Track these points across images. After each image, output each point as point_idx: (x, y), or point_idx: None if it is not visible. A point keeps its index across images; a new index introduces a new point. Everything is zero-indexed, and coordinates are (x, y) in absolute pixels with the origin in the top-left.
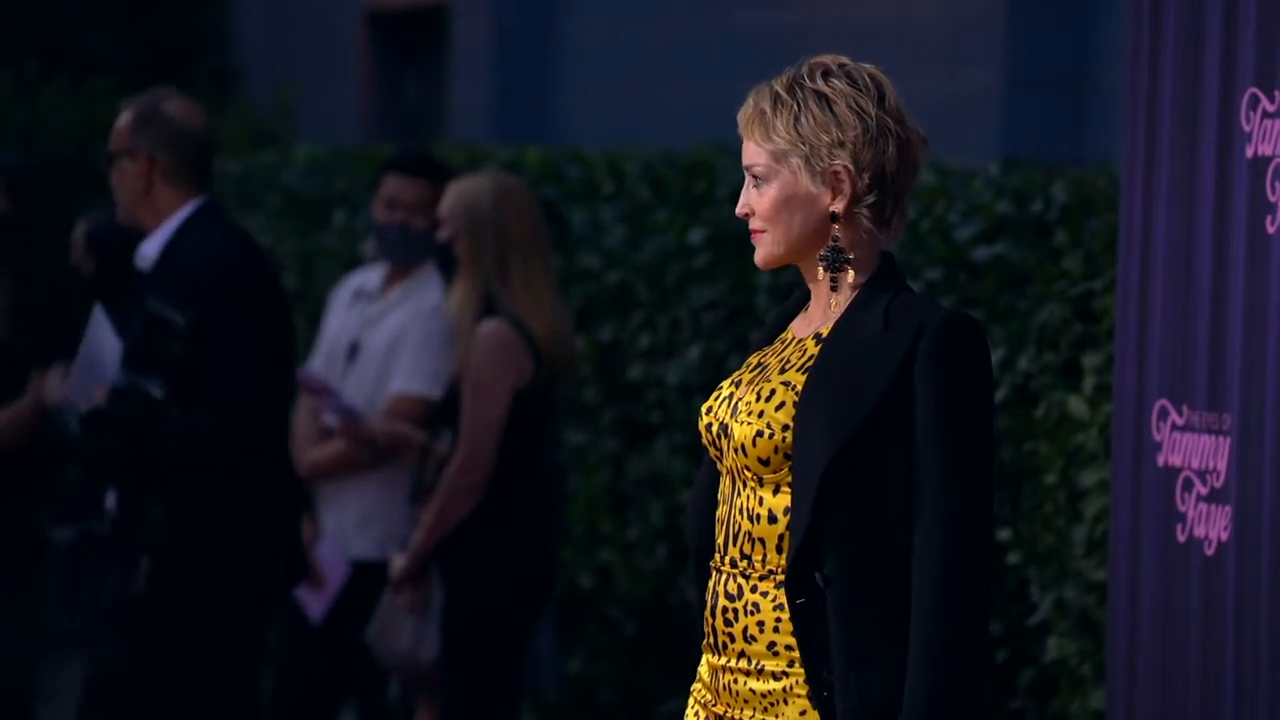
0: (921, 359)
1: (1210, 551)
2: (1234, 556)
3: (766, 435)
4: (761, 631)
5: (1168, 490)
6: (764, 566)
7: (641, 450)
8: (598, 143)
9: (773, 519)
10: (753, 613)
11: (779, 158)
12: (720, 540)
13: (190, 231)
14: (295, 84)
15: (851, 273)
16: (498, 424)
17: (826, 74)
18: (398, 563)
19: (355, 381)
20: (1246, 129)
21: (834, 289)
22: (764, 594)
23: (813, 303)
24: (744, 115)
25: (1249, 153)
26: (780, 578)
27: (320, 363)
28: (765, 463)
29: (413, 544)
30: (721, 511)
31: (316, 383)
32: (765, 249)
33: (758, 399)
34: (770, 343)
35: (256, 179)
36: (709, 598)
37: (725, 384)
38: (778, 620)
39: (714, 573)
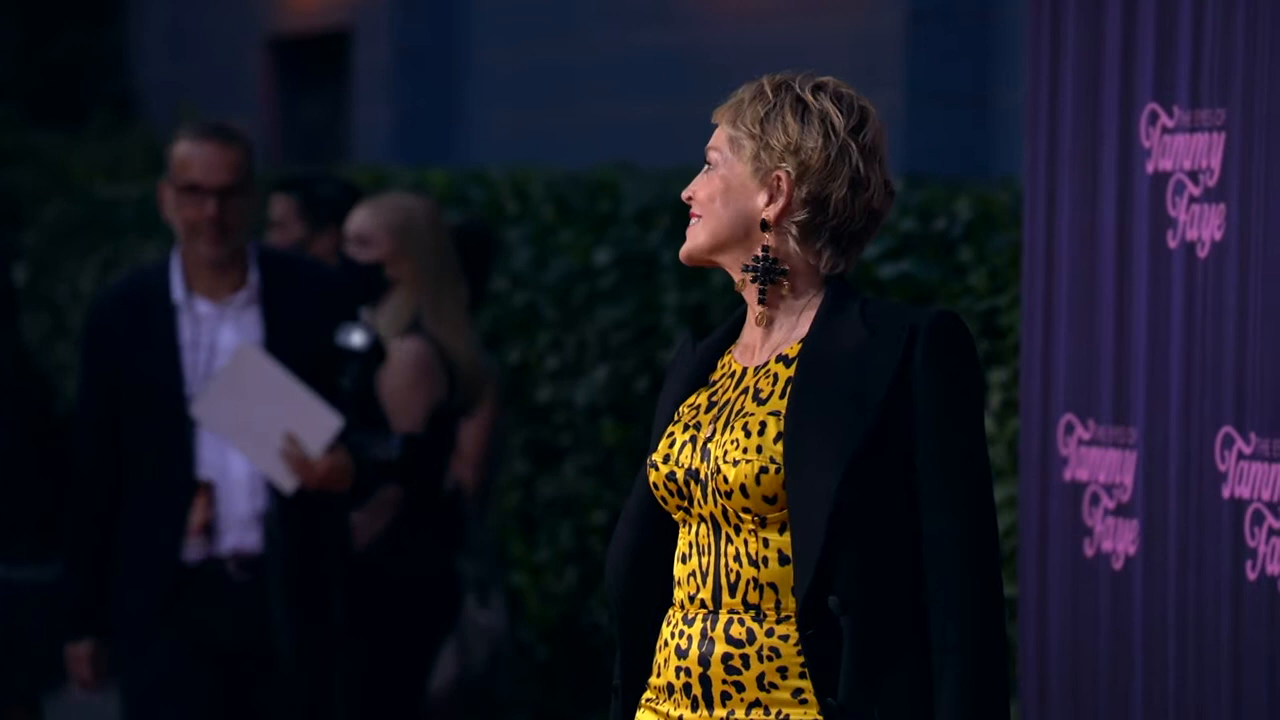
0: (920, 362)
1: (1118, 565)
2: (1141, 570)
3: (772, 471)
4: (784, 678)
5: (1075, 505)
6: (780, 611)
7: (551, 472)
8: (502, 164)
9: (784, 560)
10: (771, 658)
11: (735, 145)
12: (706, 594)
13: (275, 260)
14: (196, 109)
15: (785, 285)
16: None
17: (819, 88)
18: None
19: None
20: (1146, 145)
21: (762, 301)
22: (784, 638)
23: (749, 328)
24: (726, 102)
25: (1149, 168)
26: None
27: None
28: (771, 500)
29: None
30: (702, 562)
31: None
32: (691, 238)
33: (747, 434)
34: (704, 381)
35: (157, 205)
36: (689, 645)
37: (675, 430)
38: (803, 665)
39: (699, 619)
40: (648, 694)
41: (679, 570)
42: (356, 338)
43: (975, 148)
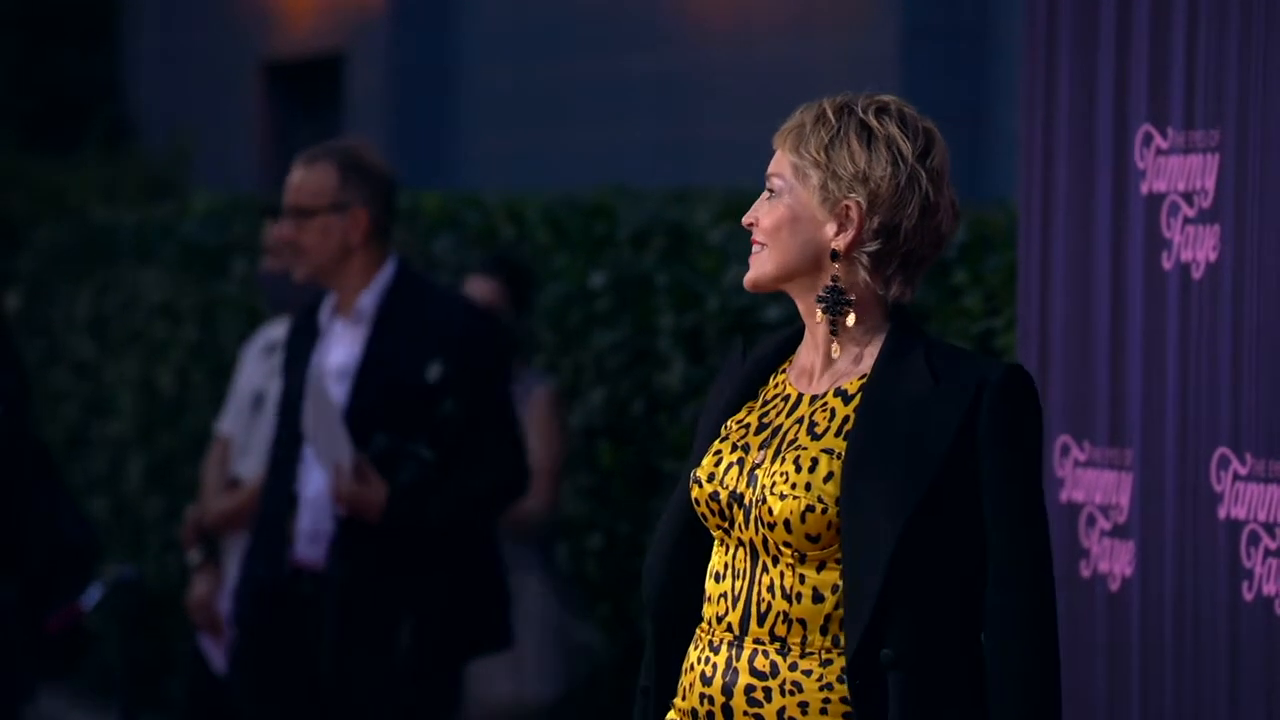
0: (987, 420)
1: (1115, 587)
2: (1138, 592)
3: (819, 511)
4: (805, 714)
5: (1071, 526)
6: (805, 647)
7: None
8: (497, 187)
9: (818, 598)
10: (793, 693)
11: (800, 174)
12: (734, 618)
13: (410, 287)
14: (191, 134)
15: (852, 317)
16: None
17: (881, 110)
18: None
19: (261, 430)
20: (1141, 166)
21: (833, 333)
22: (806, 673)
23: (807, 351)
24: (785, 125)
25: (1144, 189)
26: (826, 657)
27: (231, 415)
28: (814, 539)
29: None
30: (735, 586)
31: None
32: (756, 267)
33: (797, 469)
34: (753, 395)
35: (153, 230)
36: (713, 673)
37: (721, 447)
38: (825, 701)
39: (725, 647)
40: (671, 714)
41: (711, 587)
42: (432, 372)
43: (970, 168)
